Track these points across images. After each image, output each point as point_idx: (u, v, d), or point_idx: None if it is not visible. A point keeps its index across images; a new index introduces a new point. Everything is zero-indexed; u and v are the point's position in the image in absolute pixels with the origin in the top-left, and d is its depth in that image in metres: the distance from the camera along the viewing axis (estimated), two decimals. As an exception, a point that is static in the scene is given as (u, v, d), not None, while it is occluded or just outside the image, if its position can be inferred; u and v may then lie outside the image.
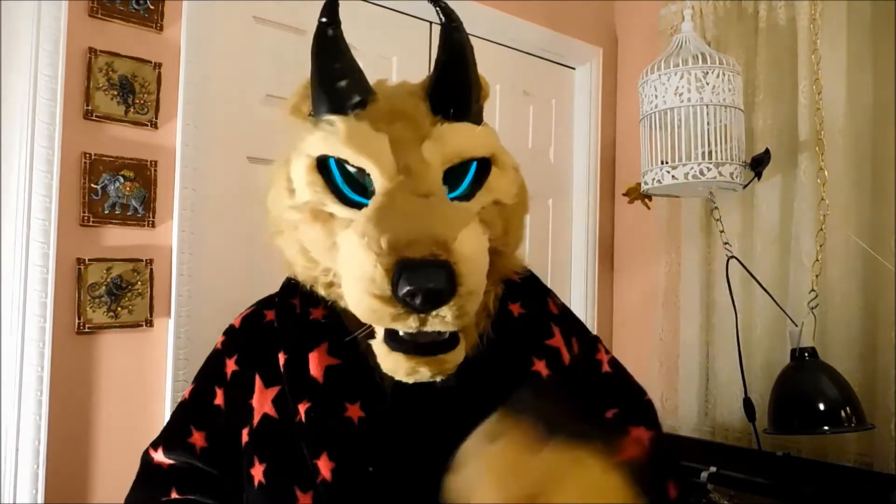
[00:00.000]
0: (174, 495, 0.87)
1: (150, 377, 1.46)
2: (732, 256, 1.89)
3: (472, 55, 0.85)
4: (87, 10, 1.38)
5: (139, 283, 1.43)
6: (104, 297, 1.39)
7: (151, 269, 1.45)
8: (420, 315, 0.71)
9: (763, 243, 1.99)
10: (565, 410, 0.75)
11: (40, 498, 1.30)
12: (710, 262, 2.14)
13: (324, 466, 0.80)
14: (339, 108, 0.82)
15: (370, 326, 0.79)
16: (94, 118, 1.38)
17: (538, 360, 0.90)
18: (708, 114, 1.73)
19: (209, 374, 0.94)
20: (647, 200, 2.04)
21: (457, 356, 0.78)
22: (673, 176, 1.76)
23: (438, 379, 0.78)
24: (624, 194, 2.09)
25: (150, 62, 1.45)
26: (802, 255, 1.85)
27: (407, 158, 0.78)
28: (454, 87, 0.84)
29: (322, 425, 0.82)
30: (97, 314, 1.38)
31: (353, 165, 0.80)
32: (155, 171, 1.46)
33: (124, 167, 1.42)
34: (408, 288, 0.68)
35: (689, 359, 2.14)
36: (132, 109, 1.43)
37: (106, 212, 1.39)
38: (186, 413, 0.93)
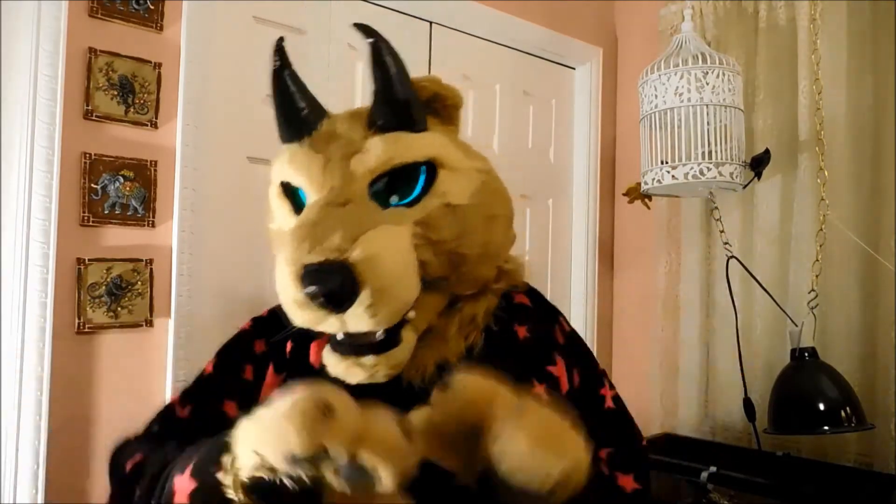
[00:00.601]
0: None
1: (150, 377, 1.46)
2: (732, 256, 1.90)
3: (400, 69, 0.86)
4: (87, 10, 1.38)
5: (139, 283, 1.43)
6: (104, 297, 1.39)
7: (151, 269, 1.45)
8: (338, 316, 0.75)
9: (763, 243, 1.99)
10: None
11: (40, 498, 1.30)
12: (710, 262, 2.14)
13: None
14: (293, 136, 0.89)
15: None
16: (94, 118, 1.38)
17: (538, 384, 0.91)
18: (708, 114, 1.73)
19: (236, 351, 0.97)
20: (647, 200, 2.04)
21: (395, 357, 0.80)
22: (673, 176, 1.76)
23: (383, 380, 0.81)
24: (624, 194, 2.09)
25: (150, 62, 1.45)
26: (802, 255, 1.85)
27: (335, 174, 0.83)
28: (384, 101, 0.86)
29: None
30: (97, 314, 1.38)
31: (295, 186, 0.86)
32: (155, 171, 1.46)
33: (124, 167, 1.41)
34: (307, 291, 0.73)
35: (689, 359, 2.13)
36: (132, 109, 1.43)
37: (106, 212, 1.39)
38: (216, 385, 0.95)
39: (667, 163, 1.79)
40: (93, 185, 1.38)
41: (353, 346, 0.80)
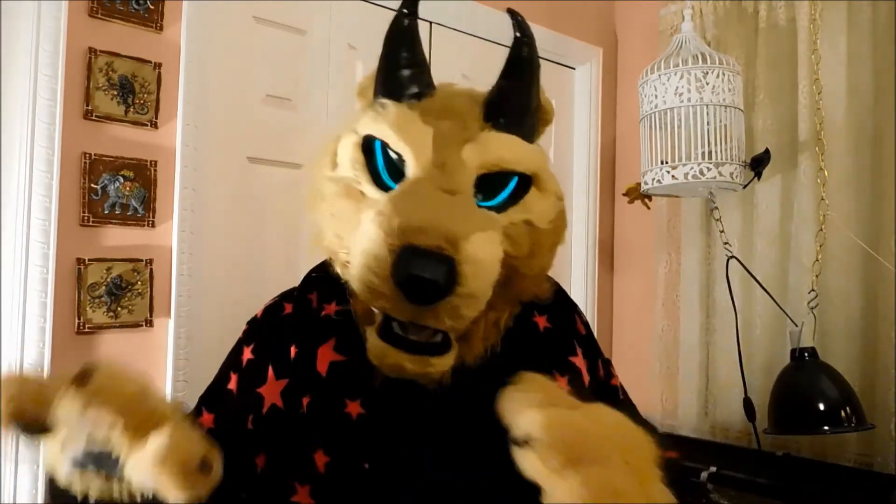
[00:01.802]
0: None
1: (150, 377, 1.46)
2: (732, 256, 1.89)
3: (537, 73, 0.85)
4: (87, 10, 1.38)
5: (139, 283, 1.43)
6: (104, 297, 1.39)
7: (151, 269, 1.45)
8: (413, 306, 0.71)
9: (763, 243, 1.99)
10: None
11: (40, 498, 1.30)
12: (710, 262, 2.14)
13: (319, 460, 0.81)
14: (396, 94, 0.84)
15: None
16: (94, 118, 1.38)
17: (560, 378, 0.88)
18: (708, 114, 1.73)
19: (228, 360, 0.95)
20: (647, 200, 2.04)
21: (444, 362, 0.77)
22: (673, 176, 1.76)
23: (424, 381, 0.78)
24: (624, 194, 2.09)
25: (150, 62, 1.45)
26: (802, 255, 1.85)
27: (445, 155, 0.78)
28: (510, 98, 0.84)
29: (320, 419, 0.83)
30: (97, 314, 1.38)
31: (393, 150, 0.81)
32: (155, 171, 1.46)
33: (124, 167, 1.41)
34: (406, 273, 0.69)
35: (689, 359, 2.13)
36: (132, 109, 1.43)
37: (106, 212, 1.39)
38: (203, 396, 0.95)
39: (667, 163, 1.79)
40: (93, 185, 1.38)
41: (408, 341, 0.75)
